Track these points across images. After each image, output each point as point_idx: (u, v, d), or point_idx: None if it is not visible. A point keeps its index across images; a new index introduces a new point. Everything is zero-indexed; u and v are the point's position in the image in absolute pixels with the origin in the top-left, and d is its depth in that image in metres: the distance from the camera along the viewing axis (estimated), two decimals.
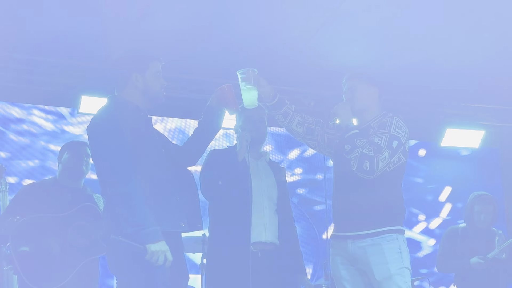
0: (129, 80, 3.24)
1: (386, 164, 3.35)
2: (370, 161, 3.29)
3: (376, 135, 3.41)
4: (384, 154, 3.33)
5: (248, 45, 6.03)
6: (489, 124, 7.47)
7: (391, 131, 3.40)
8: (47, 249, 4.02)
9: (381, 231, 3.36)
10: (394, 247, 3.36)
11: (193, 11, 5.40)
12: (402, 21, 5.63)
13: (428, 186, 7.73)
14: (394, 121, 3.45)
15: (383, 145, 3.35)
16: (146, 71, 3.25)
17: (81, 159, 4.36)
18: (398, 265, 3.33)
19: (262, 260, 3.70)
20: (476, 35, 5.85)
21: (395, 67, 6.44)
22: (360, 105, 3.59)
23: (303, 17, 5.55)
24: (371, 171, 3.30)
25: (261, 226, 3.75)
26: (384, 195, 3.42)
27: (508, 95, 7.20)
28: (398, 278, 3.31)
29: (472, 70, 6.54)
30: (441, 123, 7.27)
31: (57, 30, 5.71)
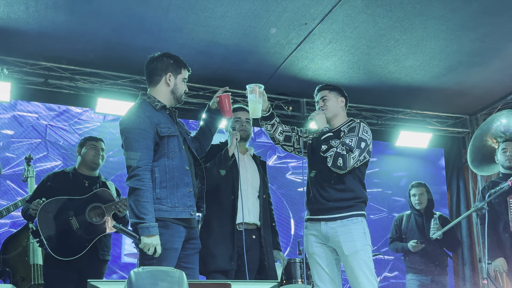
0: (164, 77, 3.18)
1: (356, 161, 3.45)
2: (343, 159, 3.39)
3: (347, 137, 3.49)
4: (355, 153, 3.42)
5: (237, 59, 6.00)
6: (436, 128, 7.53)
7: (359, 134, 3.49)
8: (67, 226, 3.97)
9: (348, 215, 3.45)
10: (360, 228, 3.44)
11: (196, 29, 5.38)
12: (366, 42, 5.64)
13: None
14: (361, 126, 3.55)
15: (353, 145, 3.44)
16: (179, 74, 3.22)
17: (97, 154, 4.30)
18: (363, 242, 3.42)
19: (246, 237, 3.68)
20: (425, 57, 5.89)
21: (360, 80, 6.46)
22: (331, 112, 3.67)
23: (284, 36, 5.53)
24: (344, 166, 3.40)
25: (246, 209, 3.74)
26: (351, 186, 3.50)
27: (451, 105, 7.27)
28: (363, 253, 3.40)
29: (422, 84, 6.58)
30: (396, 126, 7.31)
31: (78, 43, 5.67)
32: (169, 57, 3.23)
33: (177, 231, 3.02)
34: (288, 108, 6.94)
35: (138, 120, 3.02)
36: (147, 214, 2.87)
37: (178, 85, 3.21)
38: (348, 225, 3.42)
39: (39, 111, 6.27)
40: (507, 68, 6.21)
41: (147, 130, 3.00)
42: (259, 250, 3.76)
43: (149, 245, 2.86)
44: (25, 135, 6.14)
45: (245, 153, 3.98)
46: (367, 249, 3.44)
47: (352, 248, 3.38)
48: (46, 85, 6.12)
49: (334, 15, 5.14)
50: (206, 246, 3.64)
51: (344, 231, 3.41)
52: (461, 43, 5.64)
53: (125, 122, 3.08)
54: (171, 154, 3.06)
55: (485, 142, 4.93)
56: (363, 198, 3.54)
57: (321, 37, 5.55)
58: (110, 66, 6.15)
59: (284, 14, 5.13)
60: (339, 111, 3.70)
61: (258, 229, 3.79)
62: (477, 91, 6.83)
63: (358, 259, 3.38)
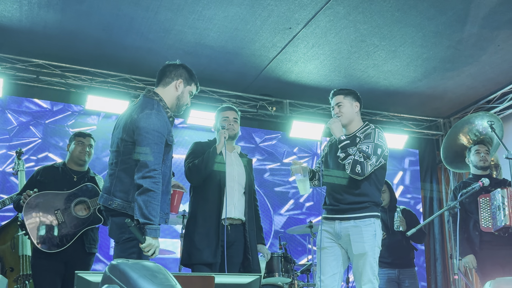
0: (175, 81, 3.18)
1: (373, 167, 3.46)
2: (361, 166, 3.40)
3: (364, 144, 3.48)
4: (372, 159, 3.42)
5: (224, 61, 5.99)
6: (411, 130, 7.59)
7: (375, 140, 3.48)
8: (52, 219, 3.93)
9: (361, 215, 3.46)
10: (371, 230, 3.44)
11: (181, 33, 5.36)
12: (347, 47, 5.67)
13: None
14: (376, 132, 3.54)
15: (370, 152, 3.43)
16: (188, 85, 3.23)
17: (83, 150, 4.24)
18: (372, 244, 3.43)
19: (231, 231, 3.68)
20: (402, 62, 5.94)
21: (341, 83, 6.49)
22: (346, 118, 3.66)
23: (269, 39, 5.53)
24: (362, 173, 3.41)
25: (231, 205, 3.74)
26: (365, 191, 3.50)
27: (426, 108, 7.34)
28: (370, 255, 3.41)
29: (399, 88, 6.64)
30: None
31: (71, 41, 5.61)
32: (185, 68, 3.25)
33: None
34: (272, 109, 6.94)
35: (160, 124, 2.98)
36: (156, 217, 2.87)
37: (185, 94, 3.21)
38: (360, 226, 3.44)
39: (35, 109, 6.18)
40: (478, 74, 6.29)
41: (164, 136, 2.99)
42: (244, 244, 3.75)
43: (153, 246, 2.86)
44: (23, 134, 6.06)
45: (232, 151, 3.97)
46: (375, 251, 3.45)
47: (361, 249, 3.41)
48: (38, 81, 6.05)
49: (317, 21, 5.15)
50: (192, 240, 3.63)
51: (356, 231, 3.44)
52: (436, 49, 5.70)
53: (147, 121, 2.97)
54: (167, 162, 3.09)
55: (458, 141, 4.96)
56: (378, 201, 3.55)
57: (305, 41, 5.56)
58: (100, 64, 6.10)
59: (270, 19, 5.13)
60: (354, 116, 3.67)
61: (243, 224, 3.79)
62: (450, 96, 6.91)
63: (364, 260, 3.40)
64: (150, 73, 6.32)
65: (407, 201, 7.46)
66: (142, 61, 6.03)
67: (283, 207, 7.05)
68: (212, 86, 6.61)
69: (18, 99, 6.11)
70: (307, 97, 6.90)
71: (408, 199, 7.24)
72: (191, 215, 3.79)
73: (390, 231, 5.16)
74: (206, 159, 3.66)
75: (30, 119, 6.12)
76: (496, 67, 6.11)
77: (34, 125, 6.11)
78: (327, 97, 3.73)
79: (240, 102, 6.82)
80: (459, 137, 4.74)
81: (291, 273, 4.84)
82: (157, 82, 3.25)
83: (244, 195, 3.85)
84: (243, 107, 6.81)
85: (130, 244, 2.91)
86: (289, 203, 7.07)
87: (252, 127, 7.12)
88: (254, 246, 3.80)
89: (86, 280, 1.84)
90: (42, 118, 6.17)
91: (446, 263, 7.38)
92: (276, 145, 7.22)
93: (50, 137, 6.14)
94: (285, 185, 7.14)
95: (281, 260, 4.81)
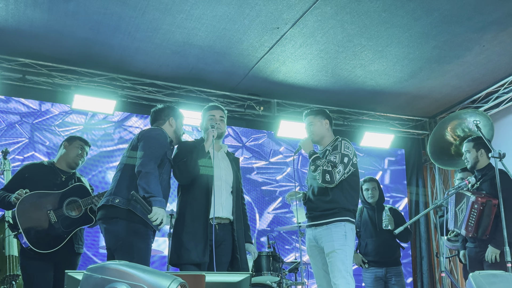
0: (168, 120, 3.80)
1: (342, 175, 3.75)
2: (330, 174, 3.71)
3: (332, 155, 3.80)
4: (339, 167, 3.74)
5: (211, 60, 5.99)
6: (397, 129, 7.65)
7: (342, 151, 3.82)
8: (45, 219, 3.89)
9: (332, 220, 3.77)
10: (340, 231, 3.74)
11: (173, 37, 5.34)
12: (334, 47, 5.70)
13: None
14: (342, 143, 3.86)
15: (337, 161, 3.75)
16: (178, 119, 3.85)
17: (81, 155, 4.20)
18: (341, 242, 3.70)
19: (219, 231, 3.69)
20: (389, 62, 5.98)
21: (328, 83, 6.52)
22: (318, 135, 4.02)
23: (257, 39, 5.54)
24: (331, 180, 3.73)
25: (219, 205, 3.72)
26: (336, 198, 3.80)
27: (411, 108, 7.40)
28: (340, 252, 3.67)
29: (386, 88, 6.69)
30: (361, 128, 7.39)
31: (56, 41, 5.57)
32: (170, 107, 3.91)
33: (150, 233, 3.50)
34: (260, 108, 6.95)
35: (160, 133, 3.65)
36: (158, 192, 3.34)
37: (179, 127, 3.84)
38: (330, 228, 3.75)
39: (23, 110, 6.12)
40: (464, 74, 6.37)
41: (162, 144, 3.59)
42: (232, 243, 3.75)
43: (159, 215, 3.27)
44: (11, 134, 6.00)
45: (219, 150, 3.96)
46: (345, 249, 3.67)
47: (331, 247, 3.68)
48: (24, 81, 5.98)
49: (305, 20, 5.18)
50: (180, 240, 3.62)
51: (326, 233, 3.75)
52: (422, 50, 5.75)
53: (150, 132, 3.66)
54: (165, 175, 3.60)
55: (445, 136, 4.96)
56: (347, 207, 3.80)
57: (292, 41, 5.58)
58: (87, 63, 6.06)
59: (258, 18, 5.14)
60: (325, 132, 4.03)
61: (231, 223, 3.78)
62: (436, 95, 6.98)
63: (335, 257, 3.64)
64: (137, 73, 6.30)
65: (387, 200, 7.51)
66: (129, 61, 6.01)
67: (270, 205, 7.06)
68: (200, 86, 6.60)
69: (4, 99, 6.05)
70: (295, 96, 6.92)
71: (388, 198, 7.25)
72: (179, 215, 3.77)
73: (378, 229, 5.19)
74: (195, 158, 3.66)
75: (17, 118, 6.06)
76: (481, 67, 6.19)
77: (21, 124, 6.06)
78: (314, 96, 3.85)
79: (228, 102, 6.82)
80: (446, 133, 4.76)
81: (279, 272, 4.85)
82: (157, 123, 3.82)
83: (231, 194, 3.84)
84: (230, 107, 6.81)
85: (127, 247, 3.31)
86: (277, 202, 7.09)
87: (240, 126, 7.13)
88: (242, 245, 3.80)
89: (76, 279, 1.83)
90: (29, 117, 6.12)
91: (432, 261, 7.45)
92: (263, 144, 7.24)
93: (36, 136, 6.09)
94: (272, 184, 7.16)
95: (270, 259, 4.82)
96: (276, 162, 7.24)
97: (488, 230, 4.16)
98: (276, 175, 7.20)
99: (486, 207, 4.17)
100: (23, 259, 3.95)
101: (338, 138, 3.98)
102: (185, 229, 3.63)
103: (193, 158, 3.66)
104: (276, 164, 7.24)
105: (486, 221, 4.16)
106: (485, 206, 4.17)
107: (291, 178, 7.22)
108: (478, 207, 4.17)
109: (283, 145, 7.31)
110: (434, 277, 7.40)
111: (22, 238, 3.78)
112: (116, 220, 3.38)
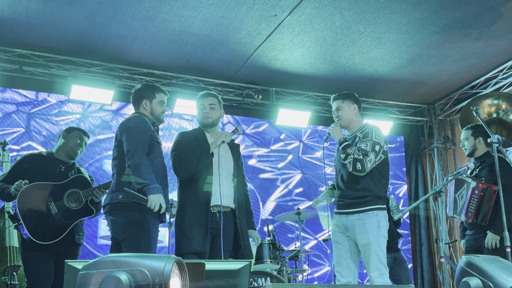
0: (141, 104, 3.69)
1: (373, 163, 3.67)
2: (361, 163, 3.63)
3: (363, 143, 3.71)
4: (370, 156, 3.65)
5: (209, 49, 5.96)
6: (396, 116, 7.65)
7: (373, 138, 3.70)
8: (46, 210, 3.88)
9: (364, 209, 3.68)
10: (374, 221, 3.65)
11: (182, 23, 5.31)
12: (332, 34, 5.67)
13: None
14: (373, 130, 3.76)
15: (368, 149, 3.66)
16: (153, 99, 3.70)
17: (80, 145, 4.19)
18: (376, 234, 3.63)
19: (220, 218, 3.67)
20: (387, 49, 5.96)
21: (326, 70, 6.50)
22: (345, 121, 3.89)
23: (254, 27, 5.51)
24: (362, 169, 3.64)
25: (218, 193, 3.71)
26: (368, 186, 3.70)
27: (410, 95, 7.39)
28: (375, 245, 3.61)
29: (384, 75, 6.67)
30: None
31: (52, 32, 5.53)
32: (143, 87, 3.78)
33: (156, 223, 3.49)
34: (258, 97, 6.94)
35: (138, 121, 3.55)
36: (151, 179, 3.35)
37: (155, 107, 3.69)
38: (363, 219, 3.65)
39: (19, 100, 6.10)
40: (462, 60, 6.34)
41: (144, 130, 3.51)
42: (234, 231, 3.72)
43: (155, 201, 3.31)
44: (7, 124, 5.98)
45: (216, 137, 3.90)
46: (380, 240, 3.63)
47: (365, 240, 3.62)
48: (21, 71, 5.96)
49: (302, 7, 5.14)
50: (181, 229, 3.62)
51: (360, 224, 3.65)
52: (421, 36, 5.72)
53: (128, 122, 3.56)
54: (158, 158, 3.54)
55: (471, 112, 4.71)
56: (379, 195, 3.73)
57: (290, 28, 5.55)
58: (83, 53, 6.03)
59: (255, 6, 5.10)
60: (353, 117, 3.89)
61: (232, 211, 3.76)
62: (434, 82, 6.96)
63: (370, 250, 3.60)
64: (134, 62, 6.27)
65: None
66: (126, 50, 5.98)
67: (271, 194, 7.06)
68: (198, 75, 6.57)
69: (1, 89, 6.03)
70: (293, 84, 6.90)
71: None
72: (180, 205, 3.76)
73: None
74: (198, 158, 3.64)
75: (14, 108, 6.04)
76: (480, 53, 6.17)
77: (18, 114, 6.04)
78: (313, 84, 3.77)
79: (226, 91, 6.80)
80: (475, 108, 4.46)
81: (279, 260, 4.87)
82: (135, 107, 3.76)
83: (232, 181, 3.82)
84: (229, 96, 6.79)
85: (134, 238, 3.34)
86: (278, 190, 7.10)
87: (238, 115, 7.11)
88: (245, 232, 3.77)
89: (75, 268, 1.83)
90: (25, 107, 6.10)
91: (431, 248, 7.48)
92: (263, 132, 7.23)
93: (33, 126, 6.07)
94: (274, 172, 7.16)
95: (270, 247, 4.83)
96: (277, 150, 7.24)
97: (488, 216, 4.16)
98: (278, 163, 7.19)
99: (487, 193, 4.17)
100: (24, 250, 3.94)
101: (367, 124, 3.90)
102: (186, 219, 3.63)
103: (196, 157, 3.63)
104: (277, 152, 7.23)
105: (486, 207, 4.17)
106: (486, 192, 4.17)
107: (293, 166, 7.23)
108: (479, 193, 4.17)
109: (283, 133, 7.29)
110: (434, 263, 7.43)
111: (23, 230, 3.78)
112: (123, 212, 3.39)
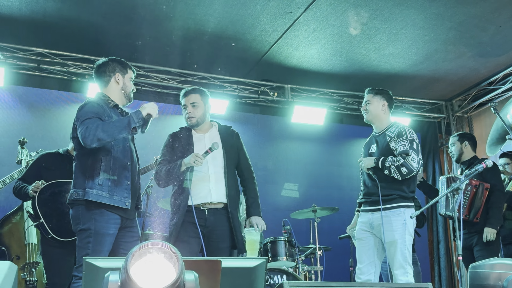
0: (112, 77, 3.39)
1: (418, 160, 3.65)
2: (405, 166, 3.62)
3: (400, 145, 3.70)
4: (412, 154, 3.64)
5: (225, 46, 5.96)
6: (413, 113, 7.58)
7: (408, 136, 3.71)
8: (65, 208, 3.91)
9: (390, 206, 3.68)
10: (400, 219, 3.64)
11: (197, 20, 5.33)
12: (347, 30, 5.63)
13: None
14: (406, 129, 3.77)
15: (407, 148, 3.65)
16: (126, 74, 3.43)
17: None
18: (401, 232, 3.62)
19: (210, 216, 3.53)
20: (404, 45, 5.91)
21: (342, 67, 6.47)
22: (371, 115, 3.92)
23: (269, 24, 5.49)
24: (410, 171, 3.63)
25: (207, 190, 3.56)
26: (394, 185, 3.70)
27: (427, 91, 7.32)
28: (400, 242, 3.60)
29: (401, 71, 6.61)
30: None
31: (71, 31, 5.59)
32: (115, 61, 3.45)
33: (112, 218, 3.17)
34: (274, 94, 6.93)
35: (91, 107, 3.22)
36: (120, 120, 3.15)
37: (127, 83, 3.43)
38: (389, 216, 3.66)
39: (38, 100, 6.16)
40: (480, 56, 6.26)
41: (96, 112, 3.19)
42: (229, 227, 3.59)
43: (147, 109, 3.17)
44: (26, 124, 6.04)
45: (206, 132, 3.77)
46: (405, 238, 3.61)
47: (391, 237, 3.62)
48: (39, 70, 6.04)
49: (318, 4, 5.12)
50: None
51: (385, 221, 3.65)
52: (438, 31, 5.66)
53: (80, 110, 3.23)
54: (116, 147, 3.25)
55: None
56: (405, 192, 3.72)
57: (305, 25, 5.53)
58: (100, 52, 6.06)
59: (270, 3, 5.09)
60: (381, 114, 3.90)
61: (225, 206, 3.61)
62: (452, 78, 6.88)
63: (395, 247, 3.59)
64: (151, 60, 6.31)
65: None
66: (143, 48, 6.01)
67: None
68: (213, 73, 6.59)
69: (19, 88, 6.10)
70: (309, 81, 6.88)
71: None
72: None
73: None
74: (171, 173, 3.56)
75: (32, 108, 6.11)
76: (498, 48, 6.08)
77: (36, 113, 6.10)
78: (328, 81, 3.74)
79: (242, 88, 6.81)
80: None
81: (295, 257, 4.87)
82: (98, 85, 3.44)
83: (224, 174, 3.65)
84: (244, 93, 6.80)
85: (85, 234, 3.11)
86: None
87: (254, 113, 7.12)
88: (237, 226, 3.62)
89: (94, 265, 1.84)
90: (43, 106, 6.16)
91: (449, 245, 7.41)
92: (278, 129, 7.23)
93: (50, 125, 6.13)
94: None
95: (285, 244, 4.84)
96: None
97: (479, 213, 4.31)
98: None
99: (479, 190, 4.33)
100: (44, 247, 4.02)
101: (396, 122, 3.90)
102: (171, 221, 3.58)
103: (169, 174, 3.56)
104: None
105: (478, 203, 4.32)
106: (478, 188, 4.32)
107: None
108: (472, 189, 4.32)
109: (299, 131, 7.28)
110: (451, 261, 7.36)
111: (45, 228, 3.84)
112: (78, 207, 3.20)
